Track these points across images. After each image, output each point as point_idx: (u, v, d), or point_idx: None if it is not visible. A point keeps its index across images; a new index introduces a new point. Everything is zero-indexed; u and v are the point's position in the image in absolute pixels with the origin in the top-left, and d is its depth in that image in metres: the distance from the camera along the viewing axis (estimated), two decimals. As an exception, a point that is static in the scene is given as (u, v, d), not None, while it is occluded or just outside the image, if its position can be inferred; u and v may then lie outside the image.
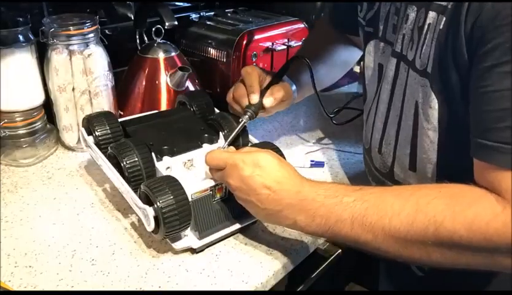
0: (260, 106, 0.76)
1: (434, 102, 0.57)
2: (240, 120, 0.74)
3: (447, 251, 0.49)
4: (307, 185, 0.56)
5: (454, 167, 0.56)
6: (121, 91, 0.97)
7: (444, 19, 0.54)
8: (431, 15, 0.56)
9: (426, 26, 0.57)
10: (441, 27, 0.54)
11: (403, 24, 0.62)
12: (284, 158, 0.69)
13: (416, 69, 0.59)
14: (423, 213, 0.49)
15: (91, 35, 0.84)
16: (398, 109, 0.65)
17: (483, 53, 0.48)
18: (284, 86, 0.78)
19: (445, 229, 0.47)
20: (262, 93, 0.76)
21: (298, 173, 0.58)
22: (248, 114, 0.74)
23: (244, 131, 0.77)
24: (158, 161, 0.68)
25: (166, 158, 0.69)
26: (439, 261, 0.50)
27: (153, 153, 0.68)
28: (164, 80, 0.95)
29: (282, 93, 0.77)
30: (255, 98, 0.75)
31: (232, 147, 0.68)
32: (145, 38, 1.04)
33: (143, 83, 0.96)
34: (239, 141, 0.76)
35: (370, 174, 0.76)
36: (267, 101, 0.75)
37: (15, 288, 0.58)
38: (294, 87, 0.82)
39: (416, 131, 0.61)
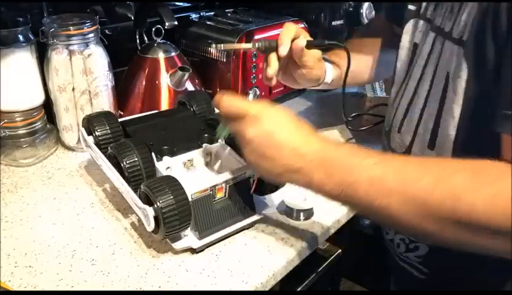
0: (273, 46, 0.72)
1: (464, 72, 0.55)
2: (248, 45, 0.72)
3: (463, 231, 0.46)
4: (330, 143, 0.54)
5: (471, 145, 0.54)
6: (121, 91, 0.97)
7: None
8: None
9: None
10: None
11: None
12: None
13: (452, 38, 0.58)
14: (444, 184, 0.46)
15: (91, 35, 0.84)
16: (428, 83, 0.63)
17: None
18: (315, 53, 0.76)
19: (464, 204, 0.45)
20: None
21: (317, 133, 0.56)
22: (258, 44, 0.72)
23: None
24: (158, 161, 0.68)
25: (166, 158, 0.69)
26: (452, 240, 0.48)
27: (153, 153, 0.68)
28: (164, 80, 0.95)
29: (303, 48, 0.73)
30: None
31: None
32: (145, 38, 1.04)
33: (143, 83, 0.96)
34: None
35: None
36: (282, 48, 0.72)
37: (15, 288, 0.58)
38: (330, 67, 0.81)
39: (442, 106, 0.60)
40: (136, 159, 0.66)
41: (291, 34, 0.73)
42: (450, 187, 0.46)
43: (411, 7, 0.71)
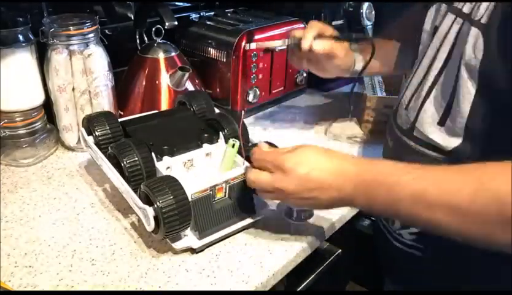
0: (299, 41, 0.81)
1: (480, 53, 0.55)
2: None
3: None
4: (364, 165, 0.56)
5: (485, 123, 0.55)
6: (121, 91, 0.97)
7: None
8: None
9: None
10: None
11: None
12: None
13: (471, 19, 0.57)
14: (485, 191, 0.46)
15: (91, 35, 0.84)
16: (441, 62, 0.63)
17: None
18: (343, 45, 0.83)
19: (510, 206, 0.44)
20: None
21: (349, 155, 0.59)
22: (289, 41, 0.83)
23: (245, 131, 0.77)
24: (158, 161, 0.68)
25: (166, 158, 0.69)
26: (504, 241, 0.46)
27: (153, 153, 0.68)
28: (164, 80, 0.96)
29: (330, 43, 0.81)
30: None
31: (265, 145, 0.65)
32: (145, 38, 1.04)
33: (143, 83, 0.96)
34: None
35: (390, 133, 0.75)
36: (316, 44, 0.80)
37: (15, 288, 0.58)
38: (359, 57, 0.86)
39: (457, 83, 0.59)
40: (136, 159, 0.66)
41: (313, 32, 0.81)
42: (493, 191, 0.46)
43: None
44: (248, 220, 0.67)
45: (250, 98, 1.04)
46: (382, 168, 0.54)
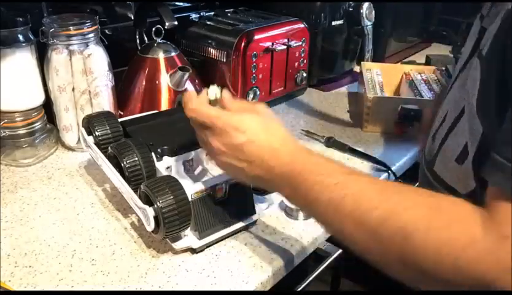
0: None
1: (476, 89, 0.49)
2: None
3: (407, 270, 0.44)
4: (299, 154, 0.54)
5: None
6: (121, 91, 0.97)
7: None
8: None
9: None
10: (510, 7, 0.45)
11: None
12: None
13: (479, 51, 0.51)
14: (396, 218, 0.43)
15: (91, 35, 0.84)
16: (458, 95, 0.57)
17: None
18: None
19: (412, 244, 0.42)
20: None
21: (291, 137, 0.56)
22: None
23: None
24: (158, 161, 0.68)
25: (166, 158, 0.69)
26: (397, 275, 0.45)
27: (153, 153, 0.68)
28: (164, 80, 0.96)
29: None
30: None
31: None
32: (145, 38, 1.04)
33: (143, 83, 0.96)
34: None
35: (420, 158, 0.69)
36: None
37: (15, 288, 0.58)
38: None
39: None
40: (136, 159, 0.66)
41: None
42: (402, 222, 0.43)
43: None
44: (248, 220, 0.67)
45: (250, 98, 1.04)
46: (312, 164, 0.52)
